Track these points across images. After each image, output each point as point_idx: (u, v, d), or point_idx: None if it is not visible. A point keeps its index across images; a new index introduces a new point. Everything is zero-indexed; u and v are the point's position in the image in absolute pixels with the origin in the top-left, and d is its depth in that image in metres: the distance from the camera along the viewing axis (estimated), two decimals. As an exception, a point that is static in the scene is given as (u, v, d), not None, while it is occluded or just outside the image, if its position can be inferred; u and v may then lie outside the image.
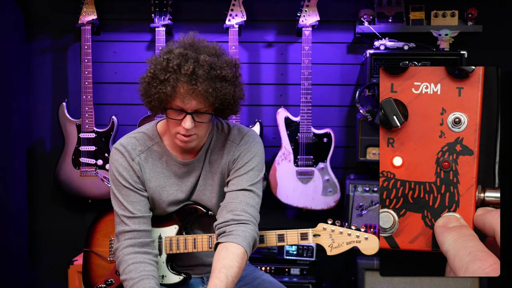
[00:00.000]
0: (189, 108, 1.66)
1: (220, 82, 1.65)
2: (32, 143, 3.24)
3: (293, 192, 3.00)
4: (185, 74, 1.61)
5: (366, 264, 2.71)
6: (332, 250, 1.88)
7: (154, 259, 1.76)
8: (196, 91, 1.62)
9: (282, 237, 1.88)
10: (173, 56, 1.65)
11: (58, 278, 3.25)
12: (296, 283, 2.78)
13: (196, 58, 1.64)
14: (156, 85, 1.66)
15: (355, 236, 1.87)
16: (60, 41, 3.20)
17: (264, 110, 3.21)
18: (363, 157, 2.96)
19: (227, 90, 1.67)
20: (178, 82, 1.62)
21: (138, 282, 1.66)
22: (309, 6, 2.93)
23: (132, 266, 1.70)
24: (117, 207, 1.79)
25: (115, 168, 1.79)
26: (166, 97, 1.65)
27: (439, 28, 2.90)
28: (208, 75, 1.63)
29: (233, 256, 1.63)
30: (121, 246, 1.75)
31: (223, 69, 1.67)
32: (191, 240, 1.86)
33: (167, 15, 2.96)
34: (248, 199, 1.76)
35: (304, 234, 1.87)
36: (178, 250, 1.87)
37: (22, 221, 3.15)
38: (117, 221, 1.79)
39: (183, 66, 1.62)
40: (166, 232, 1.89)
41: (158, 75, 1.65)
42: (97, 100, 3.14)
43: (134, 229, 1.75)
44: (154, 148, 1.83)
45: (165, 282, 1.88)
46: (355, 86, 3.18)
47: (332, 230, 1.87)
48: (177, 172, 1.84)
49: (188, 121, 1.67)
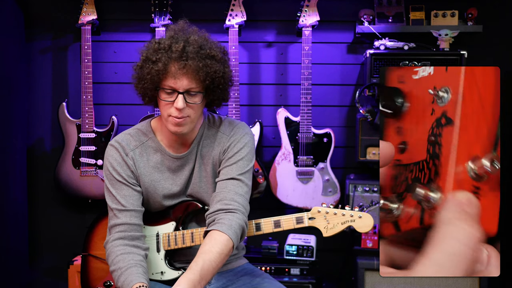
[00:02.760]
0: (181, 87, 1.71)
1: (209, 59, 1.71)
2: (32, 143, 3.24)
3: (293, 192, 3.00)
4: (176, 51, 1.68)
5: (366, 264, 2.71)
6: (328, 231, 1.88)
7: (143, 252, 1.78)
8: (186, 66, 1.68)
9: (278, 222, 1.89)
10: (163, 40, 1.74)
11: (58, 278, 3.25)
12: (296, 283, 2.78)
13: (186, 39, 1.72)
14: (149, 66, 1.72)
15: (349, 216, 1.87)
16: (60, 41, 3.20)
17: (264, 110, 3.21)
18: (363, 157, 2.96)
19: (216, 68, 1.72)
20: (169, 60, 1.69)
21: (125, 271, 1.68)
22: (309, 6, 2.93)
23: (120, 257, 1.72)
24: (110, 201, 1.82)
25: (109, 163, 1.83)
26: (158, 75, 1.71)
27: (439, 28, 2.90)
28: (198, 53, 1.70)
29: (214, 243, 1.67)
30: (111, 239, 1.78)
31: (212, 49, 1.74)
32: (189, 234, 1.88)
33: (167, 15, 2.96)
34: (237, 188, 1.80)
35: (300, 218, 1.88)
36: (176, 246, 1.89)
37: (22, 221, 3.15)
38: (110, 215, 1.82)
39: (174, 45, 1.70)
40: (164, 229, 1.90)
41: (150, 57, 1.72)
42: (97, 100, 3.14)
43: (125, 222, 1.78)
44: (148, 144, 1.87)
45: (164, 278, 1.89)
46: (355, 86, 3.18)
47: (327, 212, 1.88)
48: (170, 166, 1.87)
49: (180, 101, 1.71)
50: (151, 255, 1.89)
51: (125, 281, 1.66)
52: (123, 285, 1.67)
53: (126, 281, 1.66)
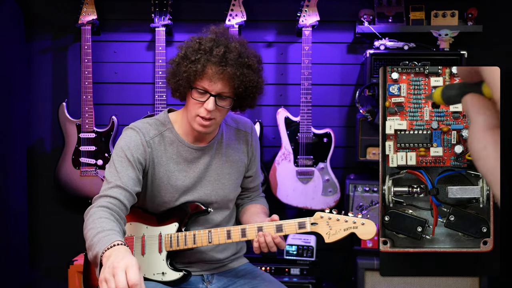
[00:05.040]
0: (214, 90, 1.75)
1: (246, 69, 1.76)
2: (32, 143, 3.24)
3: (293, 192, 3.00)
4: (216, 55, 1.72)
5: (366, 264, 2.71)
6: (330, 237, 1.88)
7: (123, 229, 1.66)
8: (225, 72, 1.72)
9: (280, 227, 1.89)
10: (205, 41, 1.77)
11: (58, 278, 3.25)
12: (296, 283, 2.78)
13: (226, 44, 1.76)
14: (187, 64, 1.75)
15: (352, 222, 1.87)
16: (60, 41, 3.20)
17: (264, 110, 3.21)
18: (363, 157, 2.96)
19: (252, 77, 1.77)
20: (208, 62, 1.72)
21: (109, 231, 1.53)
22: (309, 6, 2.93)
23: (105, 220, 1.58)
24: (109, 175, 1.75)
25: (125, 143, 1.80)
26: (195, 75, 1.74)
27: (439, 28, 2.90)
28: (237, 60, 1.74)
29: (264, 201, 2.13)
30: (97, 205, 1.67)
31: (250, 58, 1.78)
32: (191, 236, 1.88)
33: (167, 15, 2.96)
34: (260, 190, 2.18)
35: (302, 223, 1.88)
36: (178, 247, 1.88)
37: (22, 221, 3.15)
38: (104, 187, 1.74)
39: (215, 48, 1.73)
40: (166, 230, 1.90)
41: (189, 56, 1.76)
42: (97, 100, 3.14)
43: (118, 197, 1.69)
44: (166, 134, 1.89)
45: (165, 279, 1.88)
46: (355, 86, 3.18)
47: (329, 218, 1.88)
48: (187, 157, 1.89)
49: (211, 103, 1.75)
50: (152, 255, 1.89)
51: (105, 237, 1.49)
52: (101, 241, 1.49)
53: (106, 237, 1.50)
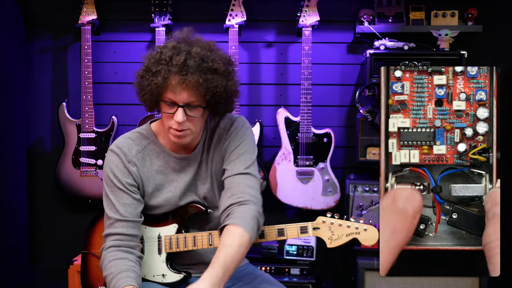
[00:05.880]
0: (181, 100, 1.67)
1: (211, 74, 1.65)
2: (32, 143, 3.24)
3: (293, 192, 3.00)
4: (176, 65, 1.63)
5: (366, 264, 2.71)
6: (332, 243, 1.88)
7: (136, 258, 1.76)
8: (186, 81, 1.63)
9: (282, 231, 1.89)
10: (166, 49, 1.67)
11: (58, 278, 3.25)
12: (296, 283, 2.77)
13: (188, 51, 1.65)
14: (149, 77, 1.68)
15: (354, 228, 1.87)
16: (60, 41, 3.20)
17: (264, 110, 3.21)
18: (363, 157, 2.96)
19: (218, 82, 1.66)
20: (169, 73, 1.64)
21: (117, 275, 1.66)
22: (309, 6, 2.93)
23: (112, 262, 1.70)
24: (108, 209, 1.79)
25: (110, 170, 1.79)
26: (157, 88, 1.67)
27: (439, 28, 2.90)
28: (199, 66, 1.64)
29: (232, 236, 1.66)
30: (106, 246, 1.76)
31: (215, 62, 1.67)
32: (191, 238, 1.87)
33: (167, 15, 2.96)
34: (245, 180, 1.78)
35: (304, 228, 1.87)
36: (178, 249, 1.87)
37: (22, 221, 3.15)
38: (107, 223, 1.79)
39: (175, 57, 1.64)
40: (165, 231, 1.89)
41: (151, 67, 1.67)
42: (97, 100, 3.14)
43: (121, 232, 1.75)
44: (150, 147, 1.84)
45: (165, 281, 1.88)
46: (355, 86, 3.18)
47: (332, 222, 1.88)
48: (175, 167, 1.84)
49: (180, 114, 1.67)
50: (152, 257, 1.88)
51: (115, 285, 1.64)
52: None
53: (116, 284, 1.64)
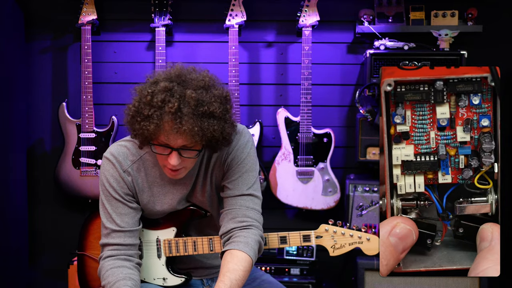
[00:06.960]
0: (175, 144, 1.59)
1: (207, 119, 1.55)
2: (32, 143, 3.24)
3: (293, 192, 3.00)
4: (169, 112, 1.52)
5: (366, 264, 2.71)
6: (335, 251, 1.88)
7: (134, 265, 1.74)
8: (181, 130, 1.53)
9: (284, 239, 1.88)
10: (158, 90, 1.55)
11: (58, 278, 3.25)
12: (296, 283, 2.78)
13: (182, 94, 1.54)
14: (140, 121, 1.57)
15: (357, 237, 1.87)
16: (60, 41, 3.20)
17: (264, 110, 3.21)
18: (363, 157, 2.96)
19: (215, 127, 1.57)
20: (162, 120, 1.54)
21: (114, 285, 1.64)
22: (309, 6, 2.93)
23: (110, 271, 1.68)
24: (104, 219, 1.76)
25: (105, 179, 1.75)
26: (150, 134, 1.57)
27: (439, 28, 2.90)
28: (194, 112, 1.53)
29: (237, 260, 1.63)
30: (103, 256, 1.74)
31: (211, 104, 1.56)
32: (191, 242, 1.85)
33: (167, 15, 2.96)
34: (247, 202, 1.74)
35: (307, 236, 1.86)
36: (178, 253, 1.86)
37: (22, 221, 3.15)
38: (103, 233, 1.76)
39: (168, 103, 1.53)
40: (164, 235, 1.87)
41: (142, 110, 1.56)
42: (97, 100, 3.14)
43: (119, 243, 1.73)
44: (147, 157, 1.78)
45: (166, 285, 1.87)
46: (355, 86, 3.18)
47: (334, 231, 1.88)
48: (172, 179, 1.78)
49: (174, 158, 1.61)
50: (152, 260, 1.87)
51: None
52: None
53: None
